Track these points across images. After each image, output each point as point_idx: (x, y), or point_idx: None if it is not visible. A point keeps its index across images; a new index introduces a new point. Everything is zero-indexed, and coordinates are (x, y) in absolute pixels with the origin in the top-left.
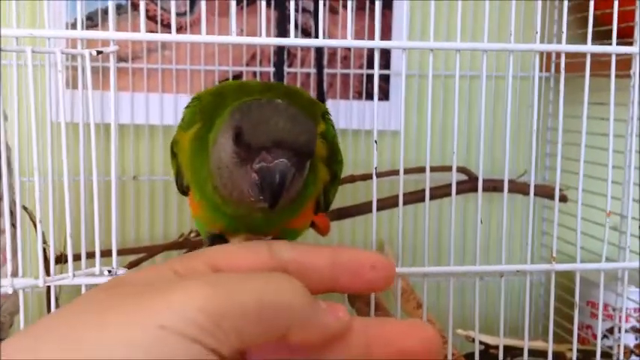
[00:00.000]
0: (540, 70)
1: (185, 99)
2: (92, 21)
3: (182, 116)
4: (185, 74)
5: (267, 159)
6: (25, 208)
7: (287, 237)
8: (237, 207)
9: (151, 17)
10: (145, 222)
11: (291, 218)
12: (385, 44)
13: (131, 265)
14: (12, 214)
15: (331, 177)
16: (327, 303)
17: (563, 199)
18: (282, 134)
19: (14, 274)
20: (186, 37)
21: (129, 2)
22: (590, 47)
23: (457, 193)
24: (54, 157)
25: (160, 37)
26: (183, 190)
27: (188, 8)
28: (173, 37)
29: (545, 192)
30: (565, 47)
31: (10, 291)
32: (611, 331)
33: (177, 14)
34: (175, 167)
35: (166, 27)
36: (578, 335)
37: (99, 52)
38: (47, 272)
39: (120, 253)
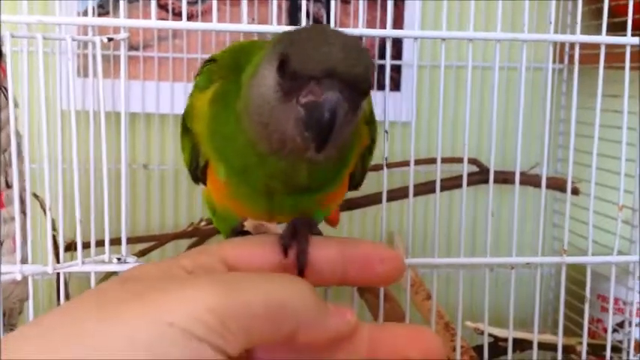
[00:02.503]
0: (554, 62)
1: None
2: (103, 9)
3: (195, 82)
4: (196, 63)
5: (317, 91)
6: (35, 195)
7: (312, 214)
8: (278, 156)
9: (162, 6)
10: (155, 210)
11: (333, 188)
12: (397, 33)
13: (141, 254)
14: (22, 201)
15: (370, 143)
16: (335, 305)
17: (575, 191)
18: (335, 62)
19: (24, 260)
20: (198, 25)
21: None
22: (604, 38)
23: (468, 184)
24: (64, 144)
25: (171, 25)
26: (197, 176)
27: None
28: (184, 24)
29: (556, 184)
30: (579, 37)
31: (19, 277)
32: (621, 325)
33: (189, 3)
34: (189, 145)
35: (178, 15)
36: (588, 329)
37: (110, 39)
38: (57, 259)
39: (130, 241)
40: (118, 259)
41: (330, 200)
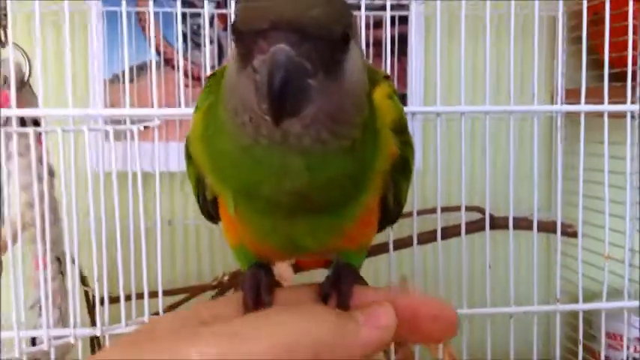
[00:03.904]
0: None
1: None
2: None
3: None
4: None
5: (264, 48)
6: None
7: (346, 258)
8: (258, 143)
9: (183, 71)
10: (179, 264)
11: (356, 210)
12: (422, 109)
13: (169, 309)
14: (59, 262)
15: (401, 159)
16: (366, 312)
17: (573, 234)
18: (280, 8)
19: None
20: None
21: (162, 58)
22: (606, 107)
23: (472, 231)
24: (97, 206)
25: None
26: (209, 211)
27: (217, 61)
28: None
29: (554, 228)
30: (584, 107)
31: (72, 341)
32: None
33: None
34: (194, 174)
35: (197, 80)
36: None
37: (145, 127)
38: (92, 318)
39: (153, 295)
40: None
41: (356, 233)
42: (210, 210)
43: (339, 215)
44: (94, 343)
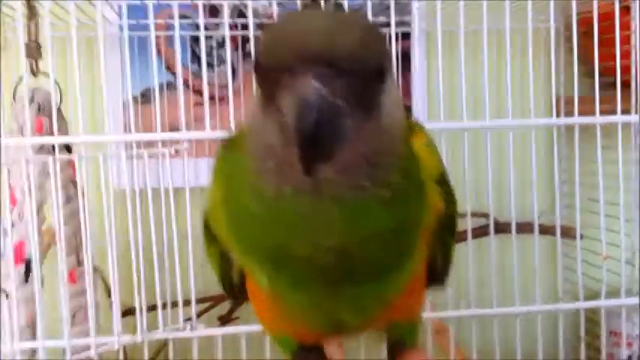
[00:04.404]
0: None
1: None
2: (145, 97)
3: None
4: None
5: (290, 85)
6: (96, 268)
7: (398, 336)
8: (279, 186)
9: (196, 91)
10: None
11: (402, 275)
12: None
13: (199, 315)
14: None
15: (446, 216)
16: None
17: (575, 236)
18: (308, 39)
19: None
20: None
21: (179, 79)
22: (597, 119)
23: (479, 236)
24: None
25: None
26: (235, 294)
27: (230, 80)
28: None
29: (562, 232)
30: (577, 120)
31: (117, 347)
32: (631, 358)
33: (220, 86)
34: (217, 255)
35: (211, 99)
36: None
37: (176, 151)
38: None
39: (185, 303)
40: (190, 326)
41: (404, 302)
42: (236, 294)
43: (385, 282)
44: (125, 352)
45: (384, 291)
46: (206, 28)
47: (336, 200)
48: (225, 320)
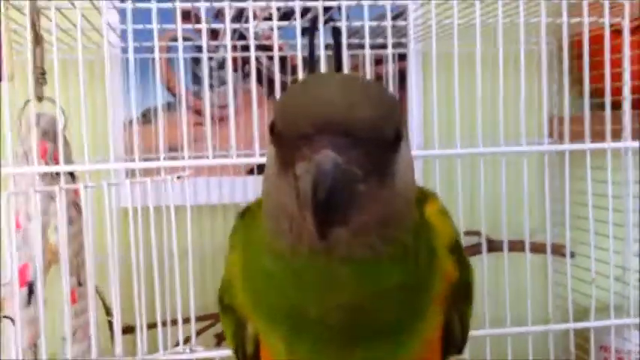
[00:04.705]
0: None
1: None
2: (145, 118)
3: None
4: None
5: (307, 154)
6: (97, 289)
7: None
8: (300, 255)
9: (197, 111)
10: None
11: (415, 336)
12: (420, 153)
13: (198, 333)
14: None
15: (461, 283)
16: None
17: (570, 255)
18: (326, 110)
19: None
20: (241, 160)
21: (177, 100)
22: (588, 145)
23: (472, 254)
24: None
25: (225, 162)
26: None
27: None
28: (234, 160)
29: (552, 250)
30: (568, 146)
31: None
32: None
33: (220, 107)
34: (232, 324)
35: (212, 119)
36: None
37: (179, 177)
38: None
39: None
40: (190, 349)
41: None
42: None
43: (397, 344)
44: None
45: (396, 355)
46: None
47: (347, 261)
48: (222, 338)
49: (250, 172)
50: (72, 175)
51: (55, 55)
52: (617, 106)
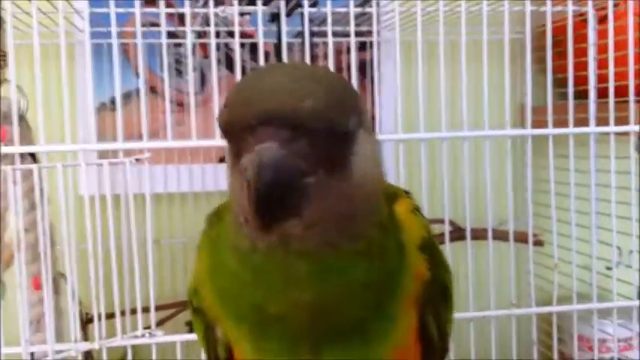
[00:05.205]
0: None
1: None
2: (113, 104)
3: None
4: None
5: (250, 145)
6: (62, 274)
7: None
8: (252, 240)
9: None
10: (167, 282)
11: (385, 336)
12: (405, 136)
13: (161, 322)
14: (54, 281)
15: (436, 284)
16: None
17: (540, 243)
18: (268, 101)
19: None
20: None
21: (147, 86)
22: (572, 130)
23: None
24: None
25: (186, 144)
26: None
27: (200, 88)
28: (193, 143)
29: (522, 238)
30: (552, 131)
31: (74, 354)
32: None
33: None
34: (202, 328)
35: (180, 105)
36: None
37: (137, 160)
38: (84, 334)
39: (145, 310)
40: (150, 333)
41: None
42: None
43: (367, 347)
44: (88, 358)
45: (370, 356)
46: (176, 36)
47: (305, 255)
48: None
49: (222, 160)
50: (34, 159)
51: (37, 39)
52: (581, 95)
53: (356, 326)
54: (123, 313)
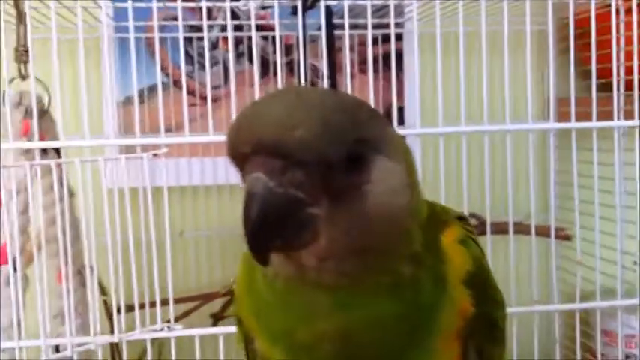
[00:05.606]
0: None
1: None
2: (140, 97)
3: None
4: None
5: (247, 174)
6: (90, 267)
7: None
8: (276, 272)
9: (190, 92)
10: (192, 274)
11: None
12: (424, 131)
13: (185, 314)
14: (81, 275)
15: (482, 320)
16: None
17: (568, 237)
18: (260, 129)
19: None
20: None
21: (170, 80)
22: (595, 124)
23: None
24: (112, 222)
25: (202, 140)
26: None
27: (222, 81)
28: (210, 138)
29: (548, 232)
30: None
31: (93, 347)
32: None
33: (213, 87)
34: (242, 338)
35: (203, 99)
36: None
37: (154, 155)
38: (111, 326)
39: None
40: (168, 327)
41: None
42: None
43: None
44: (114, 349)
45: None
46: (200, 30)
47: (321, 287)
48: (217, 317)
49: None
50: (59, 154)
51: (54, 34)
52: (606, 88)
53: (391, 359)
54: (142, 306)
